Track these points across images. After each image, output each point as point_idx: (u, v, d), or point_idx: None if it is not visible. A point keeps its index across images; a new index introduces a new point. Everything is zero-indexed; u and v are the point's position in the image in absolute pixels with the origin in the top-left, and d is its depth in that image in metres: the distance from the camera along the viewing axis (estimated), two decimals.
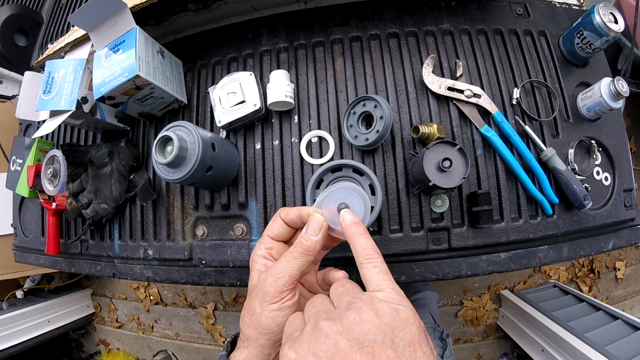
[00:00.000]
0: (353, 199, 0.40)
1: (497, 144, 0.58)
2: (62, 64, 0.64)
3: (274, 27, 0.69)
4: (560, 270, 1.58)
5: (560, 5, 0.70)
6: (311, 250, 0.37)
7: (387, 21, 0.65)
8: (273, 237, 0.41)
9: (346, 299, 0.31)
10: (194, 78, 0.71)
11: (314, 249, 0.37)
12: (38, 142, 0.82)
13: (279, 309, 0.35)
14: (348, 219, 0.38)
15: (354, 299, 0.31)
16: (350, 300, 0.31)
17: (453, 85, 0.60)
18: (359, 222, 0.38)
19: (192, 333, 1.84)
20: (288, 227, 0.41)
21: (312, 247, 0.37)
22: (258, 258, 0.40)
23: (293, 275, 0.36)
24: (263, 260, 0.39)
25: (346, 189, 0.40)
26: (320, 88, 0.65)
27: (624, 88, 0.58)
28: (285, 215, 0.41)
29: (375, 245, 0.36)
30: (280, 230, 0.41)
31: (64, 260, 0.82)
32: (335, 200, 0.40)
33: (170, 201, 0.68)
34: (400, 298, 0.31)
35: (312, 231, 0.37)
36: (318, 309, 0.32)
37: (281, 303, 0.35)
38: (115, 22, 0.59)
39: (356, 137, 0.58)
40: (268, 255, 0.40)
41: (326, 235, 0.38)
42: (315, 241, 0.37)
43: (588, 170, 0.62)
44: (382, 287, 0.31)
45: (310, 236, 0.37)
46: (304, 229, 0.38)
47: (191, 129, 0.52)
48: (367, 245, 0.35)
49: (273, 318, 0.34)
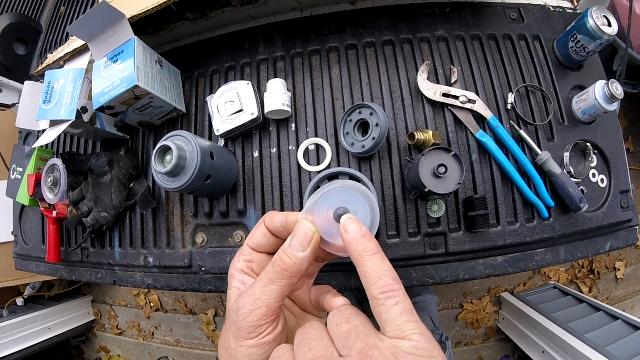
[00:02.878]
0: (355, 202, 0.30)
1: (492, 148, 0.59)
2: (62, 73, 0.65)
3: (270, 36, 0.69)
4: (560, 272, 1.58)
5: (554, 9, 0.71)
6: (294, 270, 0.28)
7: (382, 28, 0.66)
8: (253, 247, 0.33)
9: (356, 346, 0.23)
10: (192, 87, 0.72)
11: (297, 269, 0.28)
12: (38, 150, 0.83)
13: (257, 345, 0.28)
14: (352, 230, 0.28)
15: (369, 348, 0.23)
16: (363, 350, 0.23)
17: (448, 92, 0.61)
18: (367, 235, 0.28)
19: (192, 339, 1.84)
20: (272, 237, 0.33)
21: (296, 266, 0.28)
22: (236, 272, 0.32)
23: (272, 305, 0.27)
24: (241, 276, 0.32)
25: (345, 189, 0.31)
26: (317, 96, 0.65)
27: (618, 91, 0.59)
28: (269, 222, 0.32)
29: (393, 270, 0.27)
30: (262, 239, 0.33)
31: (64, 267, 0.82)
32: (331, 204, 0.30)
33: (170, 209, 0.69)
34: (432, 346, 0.23)
35: (297, 244, 0.29)
36: (315, 354, 0.24)
37: (259, 339, 0.28)
38: (114, 32, 0.59)
39: (352, 144, 0.58)
40: (247, 269, 0.32)
41: (316, 251, 0.30)
42: (301, 258, 0.28)
43: (584, 173, 0.63)
44: (408, 334, 0.23)
45: (295, 251, 0.28)
46: (287, 240, 0.29)
47: (189, 138, 0.53)
48: (382, 272, 0.26)
49: (250, 356, 0.27)
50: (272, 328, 0.28)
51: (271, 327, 0.28)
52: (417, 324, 0.24)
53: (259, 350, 0.27)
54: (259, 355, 0.28)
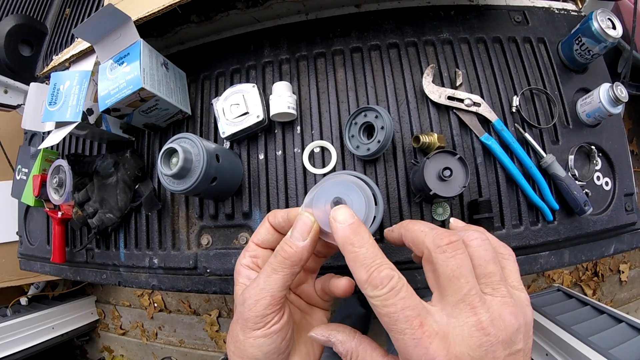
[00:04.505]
0: (351, 194, 0.32)
1: (497, 151, 0.59)
2: (68, 75, 0.65)
3: (275, 39, 0.70)
4: (564, 274, 1.57)
5: (558, 12, 0.71)
6: (296, 258, 0.29)
7: (387, 32, 0.66)
8: (258, 243, 0.35)
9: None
10: (198, 89, 0.72)
11: (299, 258, 0.29)
12: (43, 151, 0.83)
13: (265, 335, 0.29)
14: (341, 217, 0.28)
15: None
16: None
17: (453, 95, 0.61)
18: (356, 224, 0.28)
19: (196, 340, 1.84)
20: (276, 233, 0.35)
21: (297, 254, 0.29)
22: (242, 268, 0.34)
23: (276, 295, 0.29)
24: (247, 272, 0.33)
25: (342, 182, 0.32)
26: (322, 99, 0.65)
27: (623, 93, 0.59)
28: (272, 219, 0.35)
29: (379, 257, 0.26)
30: (266, 235, 0.35)
31: (69, 268, 0.83)
32: (327, 197, 0.32)
33: (175, 211, 0.69)
34: None
35: (298, 235, 0.30)
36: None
37: (266, 329, 0.29)
38: (120, 35, 0.60)
39: (358, 147, 0.58)
40: (253, 264, 0.34)
41: (316, 241, 0.31)
42: (302, 247, 0.29)
43: (588, 176, 0.63)
44: None
45: (296, 241, 0.30)
46: (288, 232, 0.31)
47: (195, 141, 0.53)
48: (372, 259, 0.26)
49: (259, 347, 0.29)
50: (278, 318, 0.29)
51: (277, 316, 0.29)
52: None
53: (267, 340, 0.29)
54: (267, 346, 0.29)
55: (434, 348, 0.23)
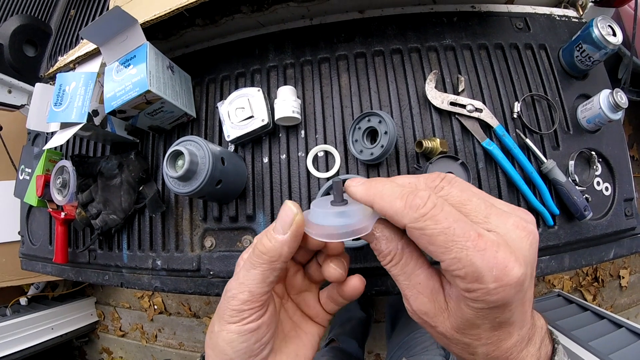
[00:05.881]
0: None
1: (498, 157, 0.59)
2: (73, 77, 0.66)
3: (280, 43, 0.70)
4: (565, 280, 1.58)
5: (559, 19, 0.72)
6: (274, 254, 0.27)
7: (391, 37, 0.67)
8: None
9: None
10: (203, 92, 0.73)
11: (277, 253, 0.27)
12: (47, 152, 0.83)
13: (239, 332, 0.27)
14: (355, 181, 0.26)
15: None
16: None
17: (455, 100, 0.62)
18: (370, 179, 0.26)
19: (195, 343, 1.84)
20: None
21: (275, 249, 0.26)
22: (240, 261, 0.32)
23: (255, 291, 0.27)
24: None
25: None
26: (326, 103, 0.66)
27: (623, 100, 0.60)
28: None
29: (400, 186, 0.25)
30: None
31: (71, 269, 0.83)
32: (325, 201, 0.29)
33: (179, 213, 0.69)
34: None
35: (279, 227, 0.27)
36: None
37: (240, 325, 0.27)
38: (126, 37, 0.60)
39: (361, 152, 0.59)
40: None
41: (299, 235, 0.27)
42: (281, 241, 0.26)
43: (588, 181, 0.63)
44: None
45: (276, 233, 0.27)
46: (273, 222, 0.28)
47: (201, 144, 0.54)
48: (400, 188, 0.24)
49: (229, 342, 0.27)
50: (256, 317, 0.27)
51: (255, 315, 0.27)
52: None
53: (239, 337, 0.27)
54: (239, 344, 0.27)
55: (502, 255, 0.21)
